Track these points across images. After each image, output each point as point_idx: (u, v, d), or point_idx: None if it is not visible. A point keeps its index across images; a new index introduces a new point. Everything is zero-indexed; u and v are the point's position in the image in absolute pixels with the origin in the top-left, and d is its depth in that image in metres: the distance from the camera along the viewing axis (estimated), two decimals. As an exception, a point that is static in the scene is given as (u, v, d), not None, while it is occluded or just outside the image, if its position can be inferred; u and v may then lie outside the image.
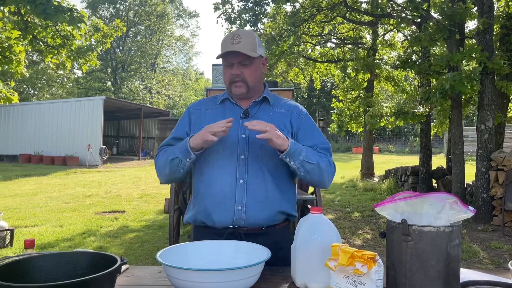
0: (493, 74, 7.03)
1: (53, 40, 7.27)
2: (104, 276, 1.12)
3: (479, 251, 5.43)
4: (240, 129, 1.74)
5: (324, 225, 1.43)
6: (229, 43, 1.69)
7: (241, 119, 1.76)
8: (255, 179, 1.71)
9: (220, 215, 1.70)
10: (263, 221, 1.72)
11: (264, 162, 1.72)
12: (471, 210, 1.32)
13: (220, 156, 1.72)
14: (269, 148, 1.70)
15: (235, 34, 1.71)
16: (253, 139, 1.71)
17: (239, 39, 1.68)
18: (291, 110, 1.82)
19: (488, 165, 6.93)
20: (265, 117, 1.76)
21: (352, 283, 1.24)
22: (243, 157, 1.71)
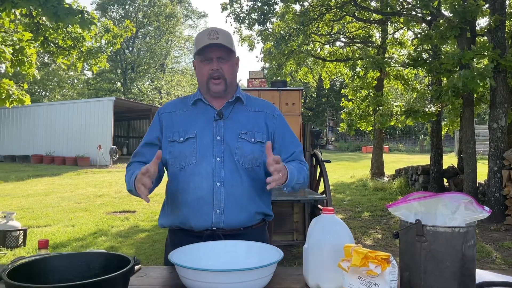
0: (506, 72, 6.94)
1: (64, 41, 7.35)
2: (117, 277, 1.12)
3: (492, 251, 5.37)
4: (215, 131, 1.69)
5: (336, 226, 1.42)
6: (206, 38, 1.64)
7: (215, 120, 1.71)
8: (232, 181, 1.67)
9: (198, 220, 1.66)
10: (241, 223, 1.70)
11: (240, 163, 1.69)
12: (487, 211, 1.30)
13: (194, 160, 1.67)
14: (244, 149, 1.69)
15: (211, 30, 1.67)
16: (228, 140, 1.69)
17: (217, 35, 1.64)
18: (264, 110, 1.79)
19: (501, 164, 6.85)
20: (240, 117, 1.73)
21: (365, 284, 1.23)
22: (219, 159, 1.67)
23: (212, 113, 1.72)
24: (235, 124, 1.72)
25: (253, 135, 1.71)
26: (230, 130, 1.70)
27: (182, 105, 1.79)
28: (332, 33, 14.49)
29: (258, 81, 4.79)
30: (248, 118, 1.74)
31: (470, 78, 6.28)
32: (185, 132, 1.70)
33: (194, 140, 1.69)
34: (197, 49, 1.67)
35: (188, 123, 1.72)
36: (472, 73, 6.37)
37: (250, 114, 1.75)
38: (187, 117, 1.74)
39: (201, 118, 1.72)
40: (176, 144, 1.70)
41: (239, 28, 13.39)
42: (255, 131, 1.72)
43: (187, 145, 1.69)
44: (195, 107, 1.76)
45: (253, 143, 1.70)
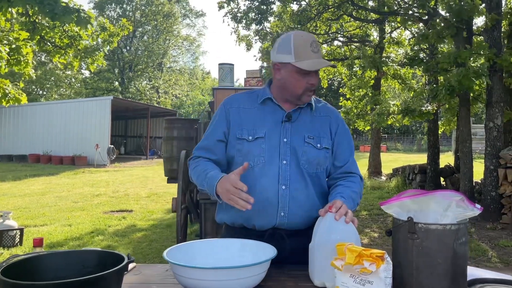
0: (502, 71, 6.97)
1: (61, 40, 7.33)
2: (111, 274, 1.13)
3: (487, 250, 5.40)
4: (282, 133, 1.68)
5: (342, 224, 1.43)
6: (310, 51, 1.61)
7: (282, 122, 1.70)
8: (297, 184, 1.67)
9: (262, 221, 1.66)
10: (302, 225, 1.71)
11: (305, 168, 1.69)
12: (478, 208, 1.31)
13: (261, 161, 1.67)
14: (310, 155, 1.69)
15: (313, 41, 1.62)
16: (295, 144, 1.68)
17: (318, 47, 1.62)
18: (329, 114, 1.79)
19: (497, 163, 6.88)
20: (307, 122, 1.72)
21: (359, 282, 1.23)
22: (285, 162, 1.67)
23: (280, 114, 1.71)
24: (302, 127, 1.71)
25: (319, 140, 1.71)
26: (297, 133, 1.70)
27: (249, 101, 1.76)
28: (329, 33, 14.51)
29: (255, 80, 4.80)
30: (315, 122, 1.74)
31: (465, 76, 6.30)
32: (254, 131, 1.68)
33: (263, 140, 1.67)
34: (298, 60, 1.61)
35: (257, 122, 1.70)
36: (467, 71, 6.40)
37: (316, 119, 1.75)
38: (255, 115, 1.71)
39: (269, 118, 1.70)
40: (245, 142, 1.68)
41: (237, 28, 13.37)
42: (321, 137, 1.72)
43: (256, 145, 1.68)
44: (263, 105, 1.73)
45: (319, 149, 1.70)
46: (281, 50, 1.65)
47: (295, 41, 1.63)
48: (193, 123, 5.44)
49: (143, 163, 20.11)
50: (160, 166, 8.92)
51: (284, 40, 1.66)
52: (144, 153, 23.36)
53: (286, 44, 1.64)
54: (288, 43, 1.64)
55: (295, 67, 1.62)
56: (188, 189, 4.99)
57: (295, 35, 1.65)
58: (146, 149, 23.29)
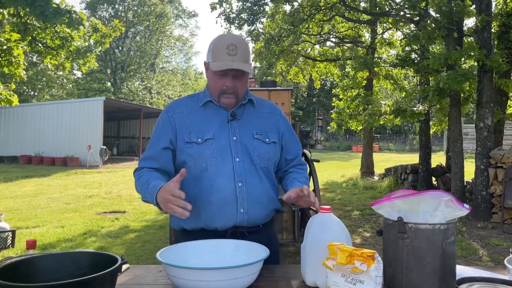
0: (492, 72, 7.04)
1: (52, 41, 7.29)
2: (105, 276, 1.14)
3: (478, 249, 5.45)
4: (231, 132, 1.71)
5: (334, 224, 1.45)
6: (224, 53, 1.62)
7: (229, 121, 1.72)
8: (252, 180, 1.70)
9: (223, 221, 1.68)
10: (262, 220, 1.76)
11: (257, 163, 1.73)
12: (466, 208, 1.34)
13: (214, 161, 1.68)
14: (260, 150, 1.72)
15: (230, 43, 1.63)
16: (245, 141, 1.71)
17: (236, 50, 1.62)
18: (273, 111, 1.84)
19: (487, 162, 6.95)
20: (252, 118, 1.76)
21: (350, 281, 1.25)
22: (238, 159, 1.69)
23: (225, 114, 1.73)
24: (249, 124, 1.75)
25: (267, 135, 1.75)
26: (244, 130, 1.73)
27: (192, 104, 1.77)
28: (322, 33, 14.57)
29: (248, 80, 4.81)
30: (260, 119, 1.78)
31: (452, 79, 6.38)
32: (202, 133, 1.70)
33: (212, 141, 1.69)
34: (213, 61, 1.65)
35: (203, 124, 1.71)
36: (455, 73, 6.47)
37: (261, 115, 1.80)
38: (200, 118, 1.73)
39: (215, 119, 1.72)
40: (194, 146, 1.69)
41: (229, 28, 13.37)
42: (268, 132, 1.76)
43: (206, 146, 1.69)
44: (206, 108, 1.75)
45: (268, 144, 1.75)
46: (207, 50, 1.72)
47: (215, 42, 1.68)
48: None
49: (135, 164, 19.84)
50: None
51: (211, 41, 1.72)
52: (137, 154, 23.27)
53: (210, 45, 1.71)
54: (211, 43, 1.70)
55: (209, 67, 1.68)
56: (181, 190, 4.98)
57: (218, 37, 1.70)
58: (139, 150, 23.21)
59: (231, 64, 1.61)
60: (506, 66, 7.04)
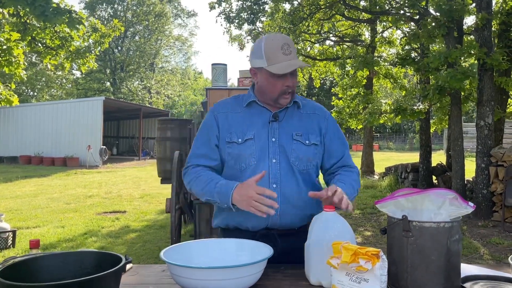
0: (492, 70, 7.04)
1: (52, 41, 7.28)
2: (109, 275, 1.13)
3: (479, 247, 5.46)
4: (270, 133, 1.71)
5: (338, 223, 1.44)
6: (280, 54, 1.62)
7: (269, 122, 1.72)
8: (288, 183, 1.69)
9: (254, 221, 1.67)
10: (296, 224, 1.73)
11: (295, 165, 1.71)
12: (471, 206, 1.34)
13: (251, 162, 1.68)
14: (298, 150, 1.71)
15: (283, 43, 1.63)
16: (283, 142, 1.70)
17: (289, 49, 1.63)
18: (316, 112, 1.81)
19: (488, 161, 6.95)
20: (294, 120, 1.75)
21: (355, 280, 1.25)
22: (274, 161, 1.69)
23: (267, 115, 1.73)
24: (290, 126, 1.73)
25: (307, 137, 1.73)
26: (284, 132, 1.72)
27: (236, 105, 1.78)
28: (322, 32, 14.55)
29: (248, 80, 4.80)
30: (302, 120, 1.76)
31: (452, 77, 6.38)
32: (243, 134, 1.70)
33: (252, 142, 1.69)
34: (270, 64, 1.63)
35: (245, 125, 1.72)
36: (454, 72, 6.47)
37: (303, 117, 1.77)
38: (243, 118, 1.73)
39: (257, 120, 1.72)
40: (234, 145, 1.70)
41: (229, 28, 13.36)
42: (309, 133, 1.74)
43: (246, 147, 1.69)
44: (249, 108, 1.75)
45: (308, 145, 1.72)
46: (254, 55, 1.69)
47: (266, 45, 1.65)
48: (187, 124, 5.43)
49: (135, 163, 20.03)
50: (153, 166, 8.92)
51: (257, 45, 1.69)
52: (137, 153, 23.26)
53: (258, 49, 1.67)
54: (260, 48, 1.66)
55: (267, 71, 1.64)
56: (182, 190, 4.98)
57: (266, 39, 1.67)
58: (138, 150, 23.20)
59: (294, 63, 1.62)
60: (506, 65, 7.03)
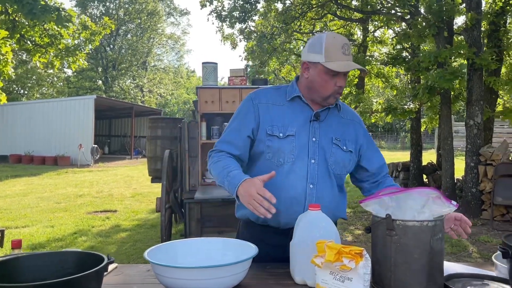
0: (481, 70, 7.09)
1: (41, 39, 7.21)
2: (90, 275, 1.13)
3: (468, 245, 5.50)
4: (311, 132, 1.70)
5: (322, 222, 1.44)
6: (340, 53, 1.62)
7: (311, 121, 1.72)
8: (324, 184, 1.69)
9: (287, 218, 1.66)
10: None
11: (332, 168, 1.71)
12: (454, 204, 1.34)
13: (292, 159, 1.67)
14: (337, 156, 1.71)
15: (344, 43, 1.63)
16: (323, 144, 1.70)
17: (349, 50, 1.64)
18: (354, 119, 1.83)
19: (477, 160, 7.01)
20: (333, 123, 1.75)
21: (338, 279, 1.25)
22: (313, 161, 1.68)
23: (309, 113, 1.72)
24: (329, 128, 1.73)
25: (345, 143, 1.74)
26: (324, 133, 1.72)
27: (278, 97, 1.75)
28: (314, 31, 14.57)
29: (239, 79, 4.80)
30: (340, 124, 1.76)
31: (441, 77, 6.42)
32: (285, 128, 1.68)
33: (293, 138, 1.68)
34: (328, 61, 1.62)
35: (287, 119, 1.70)
36: (443, 72, 6.51)
37: (342, 121, 1.78)
38: (285, 113, 1.71)
39: (299, 117, 1.71)
40: (275, 139, 1.68)
41: (221, 27, 13.33)
42: (346, 140, 1.74)
43: (287, 142, 1.67)
44: (292, 103, 1.74)
45: (345, 152, 1.73)
46: (312, 49, 1.66)
47: (327, 41, 1.63)
48: (178, 122, 5.42)
49: (127, 162, 19.93)
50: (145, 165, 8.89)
51: (316, 40, 1.67)
52: (129, 152, 23.14)
53: (318, 44, 1.65)
54: (319, 43, 1.64)
55: (324, 67, 1.63)
56: (172, 189, 4.97)
57: (328, 36, 1.65)
58: (130, 149, 23.08)
59: (353, 64, 1.62)
60: (495, 65, 7.09)
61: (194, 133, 4.41)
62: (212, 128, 4.50)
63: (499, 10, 7.71)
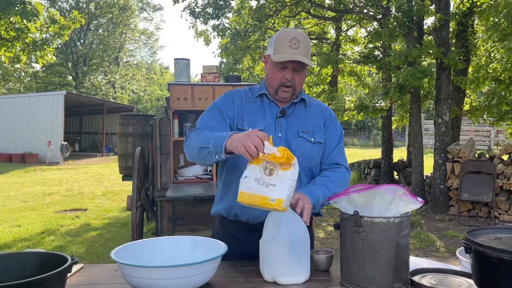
0: (449, 69, 7.29)
1: (7, 32, 6.94)
2: (53, 276, 1.10)
3: (436, 240, 5.65)
4: (277, 128, 1.73)
5: (291, 220, 1.44)
6: (287, 46, 1.64)
7: (277, 118, 1.74)
8: None
9: (256, 212, 1.62)
10: None
11: (299, 162, 1.66)
12: (420, 201, 1.37)
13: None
14: (304, 149, 1.72)
15: (293, 37, 1.65)
16: (289, 139, 1.72)
17: (298, 44, 1.65)
18: (323, 111, 1.85)
19: (445, 157, 7.20)
20: (301, 117, 1.77)
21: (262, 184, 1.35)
22: None
23: (275, 110, 1.76)
24: (296, 122, 1.76)
25: (313, 134, 1.76)
26: (291, 128, 1.74)
27: (249, 95, 1.81)
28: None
29: (212, 75, 4.76)
30: (309, 117, 1.79)
31: (411, 75, 6.58)
32: (254, 123, 1.72)
33: None
34: (275, 53, 1.66)
35: (257, 115, 1.74)
36: (413, 70, 6.67)
37: (310, 114, 1.80)
38: (255, 109, 1.76)
39: (267, 113, 1.75)
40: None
41: (195, 23, 13.20)
42: (314, 131, 1.77)
43: None
44: (260, 100, 1.78)
45: (313, 143, 1.75)
46: (269, 43, 1.74)
47: (278, 35, 1.70)
48: (149, 119, 5.33)
49: (98, 160, 19.52)
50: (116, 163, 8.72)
51: (274, 35, 1.74)
52: (100, 150, 22.67)
53: (273, 38, 1.72)
54: (274, 37, 1.72)
55: (271, 59, 1.69)
56: (144, 187, 4.90)
57: (282, 31, 1.72)
58: (102, 146, 22.62)
59: (293, 56, 1.63)
60: (462, 64, 7.30)
61: (166, 130, 4.35)
62: (185, 125, 4.45)
63: (466, 11, 7.94)
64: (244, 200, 1.37)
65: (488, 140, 19.31)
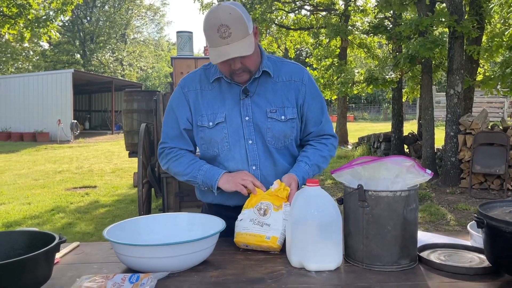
0: (462, 38, 7.04)
1: (9, 9, 6.83)
2: (39, 255, 1.06)
3: (447, 213, 5.58)
4: (243, 112, 1.58)
5: (321, 198, 1.31)
6: (217, 37, 1.41)
7: (241, 99, 1.59)
8: (267, 163, 1.61)
9: (235, 200, 1.59)
10: None
11: (271, 144, 1.60)
12: (429, 173, 1.28)
13: (227, 146, 1.58)
14: (275, 130, 1.59)
15: (220, 25, 1.40)
16: (258, 121, 1.58)
17: (228, 30, 1.40)
18: (292, 77, 1.63)
19: (457, 129, 7.04)
20: (267, 93, 1.60)
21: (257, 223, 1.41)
22: (250, 142, 1.58)
23: (237, 91, 1.59)
24: (263, 101, 1.59)
25: (283, 112, 1.60)
26: (258, 108, 1.59)
27: (204, 80, 1.62)
28: (295, 1, 14.28)
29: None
30: (276, 91, 1.61)
31: (422, 46, 6.35)
32: (214, 116, 1.58)
33: (224, 125, 1.58)
34: (210, 47, 1.47)
35: (216, 104, 1.59)
36: (424, 40, 6.43)
37: (278, 86, 1.61)
38: (213, 97, 1.60)
39: (227, 98, 1.59)
40: (206, 130, 1.59)
41: (201, -4, 12.95)
42: (284, 107, 1.60)
43: (217, 131, 1.58)
44: (218, 84, 1.61)
45: (284, 122, 1.60)
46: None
47: (204, 24, 1.45)
48: (153, 95, 5.26)
49: (108, 138, 19.62)
50: (124, 140, 8.79)
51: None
52: (110, 127, 22.76)
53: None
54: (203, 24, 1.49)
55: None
56: (150, 163, 4.87)
57: (206, 17, 1.45)
58: (111, 124, 22.70)
59: (227, 53, 1.43)
60: (476, 32, 7.04)
61: (170, 106, 4.28)
62: (189, 100, 4.37)
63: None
64: (240, 240, 1.41)
65: (501, 111, 18.93)
